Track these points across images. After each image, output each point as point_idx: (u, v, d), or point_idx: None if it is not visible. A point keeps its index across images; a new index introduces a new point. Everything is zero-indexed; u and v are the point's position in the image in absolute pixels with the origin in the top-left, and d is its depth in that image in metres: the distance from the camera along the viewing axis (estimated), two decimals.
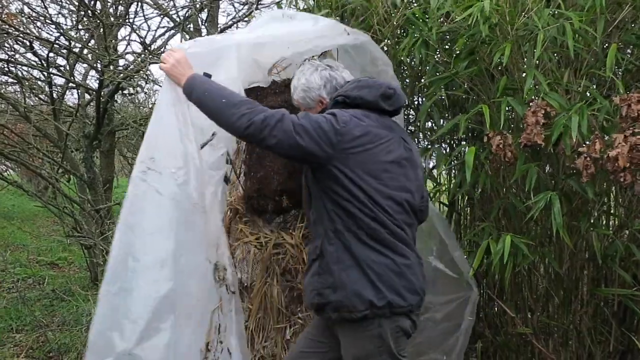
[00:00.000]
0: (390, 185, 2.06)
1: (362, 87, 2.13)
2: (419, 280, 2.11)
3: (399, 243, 2.06)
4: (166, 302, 2.00)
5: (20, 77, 5.67)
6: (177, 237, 2.07)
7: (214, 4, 5.97)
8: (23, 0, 5.51)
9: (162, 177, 2.09)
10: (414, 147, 2.26)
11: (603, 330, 3.08)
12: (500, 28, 2.73)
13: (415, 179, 2.18)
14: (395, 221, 2.06)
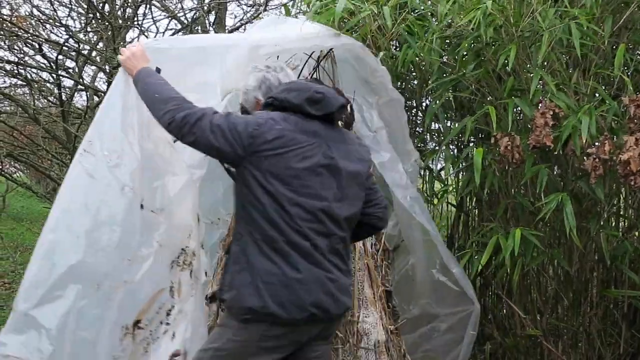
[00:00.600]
0: (300, 192, 1.99)
1: (290, 90, 2.08)
2: (315, 296, 1.98)
3: (295, 254, 1.97)
4: (72, 272, 2.11)
5: (29, 80, 5.70)
6: (97, 215, 2.18)
7: (221, 6, 5.99)
8: (32, 3, 5.55)
9: (95, 159, 2.21)
10: (340, 155, 2.08)
11: (613, 332, 3.06)
12: (505, 30, 2.73)
13: (338, 187, 2.05)
14: (300, 230, 1.98)
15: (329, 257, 2.02)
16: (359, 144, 2.23)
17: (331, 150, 2.06)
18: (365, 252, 2.70)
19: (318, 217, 2.01)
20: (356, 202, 2.13)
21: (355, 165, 2.12)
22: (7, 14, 5.35)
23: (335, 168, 2.05)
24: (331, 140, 2.07)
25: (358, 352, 2.58)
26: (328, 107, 2.05)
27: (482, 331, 3.55)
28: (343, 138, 2.13)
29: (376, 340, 2.59)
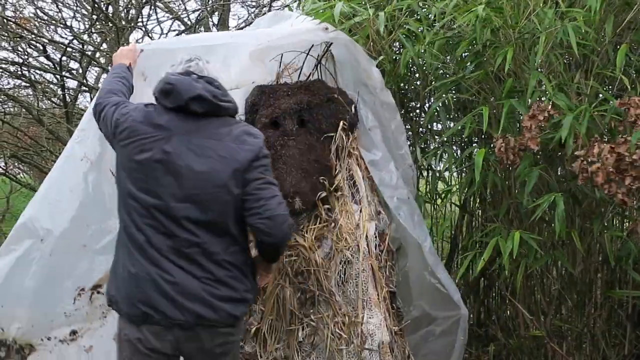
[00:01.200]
0: (137, 185, 2.00)
1: (158, 82, 2.11)
2: (144, 294, 1.97)
3: (133, 248, 1.99)
4: (25, 228, 2.46)
5: (33, 81, 5.72)
6: (57, 180, 2.55)
7: (224, 7, 6.00)
8: (36, 4, 5.57)
9: (71, 141, 2.61)
10: (185, 151, 2.00)
11: (617, 334, 3.06)
12: (503, 31, 2.73)
13: (179, 187, 1.98)
14: (138, 224, 1.99)
15: (171, 258, 1.98)
16: (238, 141, 2.04)
17: (170, 145, 1.99)
18: (370, 253, 2.70)
19: (152, 214, 1.99)
20: (214, 206, 1.99)
21: (209, 164, 1.98)
22: (11, 15, 5.37)
23: (172, 165, 1.98)
24: (184, 134, 2.01)
25: (362, 353, 2.58)
26: (177, 99, 2.01)
27: (486, 332, 3.55)
28: (206, 133, 2.02)
29: (380, 341, 2.59)
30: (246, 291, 2.08)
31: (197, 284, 1.98)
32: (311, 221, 2.66)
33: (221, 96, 2.07)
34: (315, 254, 2.62)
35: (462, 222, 3.63)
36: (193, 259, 1.98)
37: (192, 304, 1.97)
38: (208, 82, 2.07)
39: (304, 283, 2.64)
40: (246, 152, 2.02)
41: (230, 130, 2.05)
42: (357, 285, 2.63)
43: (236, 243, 2.06)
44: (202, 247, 1.99)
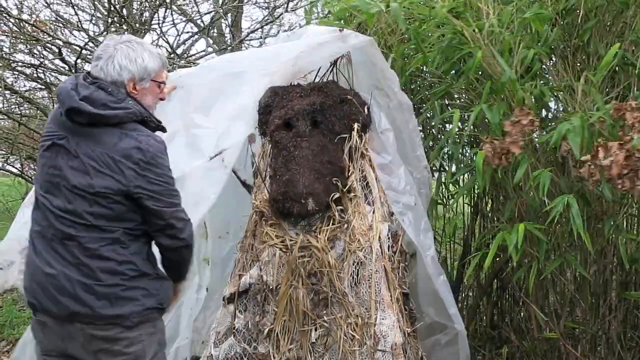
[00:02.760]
0: (37, 175, 2.12)
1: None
2: (27, 282, 2.07)
3: (30, 239, 2.09)
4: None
5: (48, 83, 5.77)
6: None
7: (238, 9, 6.03)
8: (52, 8, 5.63)
9: None
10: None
11: (633, 336, 3.03)
12: (470, 35, 2.77)
13: (58, 187, 2.02)
14: (32, 214, 2.11)
15: (54, 246, 2.01)
16: (120, 154, 1.97)
17: (62, 145, 2.02)
18: (382, 254, 2.70)
19: (38, 203, 2.07)
20: (90, 211, 1.99)
21: (85, 174, 1.98)
22: (28, 18, 5.43)
23: (58, 164, 2.02)
24: (74, 138, 2.01)
25: (375, 355, 2.58)
26: (62, 107, 2.00)
27: (499, 334, 3.53)
28: (92, 141, 1.99)
29: (393, 342, 2.59)
30: (129, 289, 2.02)
31: (73, 276, 1.99)
32: (324, 222, 2.67)
33: (112, 103, 1.99)
34: (328, 255, 2.62)
35: (473, 223, 3.62)
36: (68, 251, 2.00)
37: (63, 297, 1.98)
38: (100, 88, 2.00)
39: (317, 284, 2.65)
40: (127, 169, 1.97)
41: (118, 141, 1.98)
42: (370, 287, 2.64)
43: (117, 242, 2.02)
44: (77, 240, 1.99)
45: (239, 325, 2.74)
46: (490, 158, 2.58)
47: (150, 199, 2.00)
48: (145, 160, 1.98)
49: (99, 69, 2.03)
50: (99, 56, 2.04)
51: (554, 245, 2.91)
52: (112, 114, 1.98)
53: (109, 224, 2.00)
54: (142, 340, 2.04)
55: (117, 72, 2.03)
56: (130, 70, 2.04)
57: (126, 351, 2.02)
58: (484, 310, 3.71)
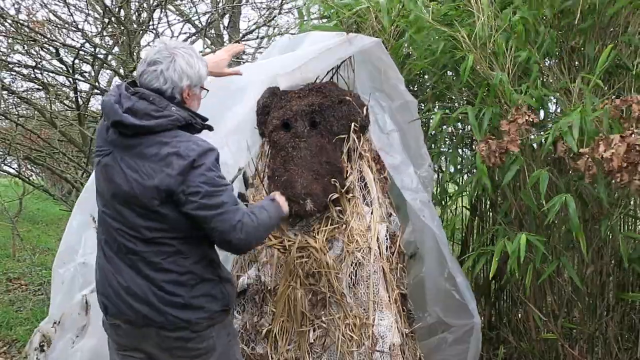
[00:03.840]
0: (96, 188, 2.17)
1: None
2: (101, 285, 2.14)
3: (97, 244, 2.17)
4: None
5: (46, 84, 5.76)
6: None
7: (235, 10, 6.02)
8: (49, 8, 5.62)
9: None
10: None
11: (630, 337, 3.04)
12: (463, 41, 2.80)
13: (113, 199, 2.07)
14: (98, 223, 2.18)
15: (120, 259, 2.07)
16: (163, 163, 1.97)
17: (110, 159, 2.05)
18: (381, 255, 2.70)
19: (102, 218, 2.13)
20: (143, 223, 2.02)
21: (132, 184, 2.00)
22: (25, 19, 5.42)
23: (109, 178, 2.05)
24: (120, 151, 2.03)
25: (373, 355, 2.58)
26: (108, 120, 2.03)
27: (497, 335, 3.53)
28: (136, 151, 2.01)
29: (391, 343, 2.59)
30: (194, 297, 2.06)
31: (143, 286, 2.05)
32: (322, 223, 2.67)
33: (154, 112, 1.98)
34: (326, 255, 2.62)
35: (472, 225, 3.62)
36: (133, 264, 2.05)
37: (138, 304, 2.04)
38: (142, 98, 2.00)
39: (315, 285, 2.65)
40: (168, 178, 1.96)
41: (160, 150, 1.98)
42: (368, 287, 2.64)
43: (177, 253, 2.05)
44: (139, 255, 2.04)
45: (237, 326, 2.74)
46: (485, 157, 2.59)
47: (191, 203, 1.97)
48: (185, 165, 1.95)
49: (158, 72, 2.02)
50: (156, 61, 2.02)
51: (551, 247, 2.92)
52: (155, 124, 1.98)
53: (165, 237, 2.02)
54: (212, 336, 2.11)
55: (178, 77, 2.03)
56: (189, 76, 2.05)
57: (199, 346, 2.09)
58: (482, 311, 3.70)
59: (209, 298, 2.10)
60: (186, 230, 2.03)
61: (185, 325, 2.05)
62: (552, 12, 2.84)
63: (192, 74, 2.06)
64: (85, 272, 2.77)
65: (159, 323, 2.04)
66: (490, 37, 2.75)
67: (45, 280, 5.81)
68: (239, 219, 2.00)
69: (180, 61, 2.03)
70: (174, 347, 2.08)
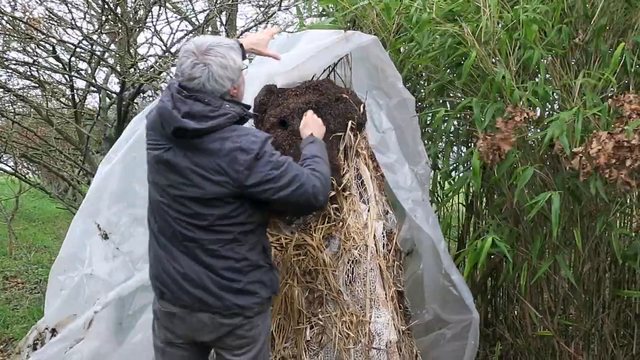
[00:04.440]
0: (150, 178, 2.22)
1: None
2: (154, 271, 2.21)
3: (151, 235, 2.23)
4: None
5: (42, 81, 5.75)
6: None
7: (232, 8, 6.01)
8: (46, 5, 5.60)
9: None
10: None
11: (626, 334, 3.05)
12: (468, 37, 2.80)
13: (176, 190, 2.13)
14: (151, 212, 2.22)
15: (176, 244, 2.13)
16: (227, 159, 2.03)
17: (171, 153, 2.09)
18: (377, 253, 2.70)
19: (152, 204, 2.19)
20: (206, 215, 2.09)
21: (198, 180, 2.06)
22: (21, 15, 5.40)
23: (172, 170, 2.10)
24: (181, 148, 2.08)
25: (370, 353, 2.58)
26: (167, 128, 2.07)
27: (494, 332, 3.55)
28: (199, 149, 2.06)
29: (388, 340, 2.60)
30: (249, 283, 2.15)
31: (200, 272, 2.12)
32: (319, 220, 2.67)
33: (211, 113, 2.03)
34: (323, 253, 2.63)
35: (468, 221, 3.63)
36: (190, 251, 2.12)
37: (195, 289, 2.12)
38: (197, 100, 2.03)
39: (312, 282, 2.65)
40: (237, 173, 2.03)
41: (222, 145, 2.04)
42: (365, 285, 2.64)
43: (234, 240, 2.12)
44: (197, 242, 2.11)
45: None
46: (484, 154, 2.59)
47: (267, 191, 2.06)
48: (250, 159, 2.03)
49: (201, 85, 2.04)
50: (193, 76, 2.04)
51: (548, 244, 2.92)
52: (214, 124, 2.03)
53: (225, 225, 2.10)
54: (258, 325, 2.20)
55: (220, 85, 2.06)
56: (229, 77, 2.07)
57: (247, 334, 2.18)
58: (478, 308, 3.71)
59: (261, 284, 2.18)
60: (246, 219, 2.12)
61: (239, 311, 2.13)
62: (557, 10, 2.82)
63: (231, 73, 2.08)
64: (92, 284, 2.76)
65: (214, 308, 2.12)
66: (496, 33, 2.74)
67: (42, 278, 5.81)
68: (312, 184, 2.12)
69: (216, 69, 2.04)
70: (225, 335, 2.16)
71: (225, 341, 2.18)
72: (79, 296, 2.77)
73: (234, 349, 2.18)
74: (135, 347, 2.66)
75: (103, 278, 2.74)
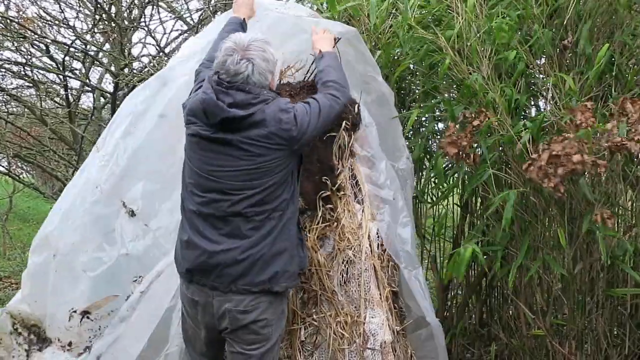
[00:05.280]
0: (187, 162, 2.31)
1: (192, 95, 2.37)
2: (184, 256, 2.26)
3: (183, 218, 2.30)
4: (45, 241, 2.80)
5: (36, 81, 5.73)
6: (74, 200, 2.80)
7: (227, 7, 6.00)
8: (39, 5, 5.58)
9: (96, 160, 2.80)
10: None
11: (619, 333, 3.06)
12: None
13: (210, 172, 2.23)
14: (185, 196, 2.30)
15: (206, 226, 2.21)
16: (267, 140, 2.17)
17: (213, 134, 2.18)
18: (372, 253, 2.71)
19: (187, 187, 2.27)
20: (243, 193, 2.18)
21: (237, 162, 2.17)
22: (14, 15, 5.38)
23: (211, 150, 2.20)
24: (223, 133, 2.18)
25: (364, 353, 2.59)
26: (212, 120, 2.16)
27: (489, 332, 3.55)
28: (240, 134, 2.16)
29: (382, 340, 2.60)
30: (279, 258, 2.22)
31: (232, 252, 2.17)
32: (314, 221, 2.67)
33: (253, 100, 2.14)
34: (317, 253, 2.63)
35: (463, 222, 3.63)
36: (234, 226, 2.17)
37: (227, 268, 2.17)
38: (239, 90, 2.14)
39: (307, 282, 2.65)
40: (282, 130, 2.16)
41: (263, 116, 2.14)
42: (359, 285, 2.64)
43: (276, 211, 2.21)
44: (243, 215, 2.16)
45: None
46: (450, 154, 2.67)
47: (312, 132, 2.23)
48: (289, 116, 2.17)
49: (245, 79, 2.15)
50: (238, 72, 2.14)
51: (538, 244, 2.93)
52: (257, 109, 2.14)
53: (270, 196, 2.17)
54: (272, 319, 2.27)
55: (264, 78, 2.19)
56: (270, 70, 2.20)
57: (272, 315, 2.26)
58: (473, 308, 3.73)
59: (290, 258, 2.27)
60: (290, 186, 2.25)
61: (266, 287, 2.20)
62: (544, 12, 2.85)
63: (272, 65, 2.21)
64: (128, 263, 2.70)
65: (244, 283, 2.18)
66: (468, 39, 2.80)
67: None
68: (332, 101, 2.31)
69: (259, 62, 2.16)
70: (247, 324, 2.21)
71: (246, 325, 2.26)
72: (115, 277, 2.70)
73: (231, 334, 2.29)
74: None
75: (137, 257, 2.69)
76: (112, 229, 2.71)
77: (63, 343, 2.72)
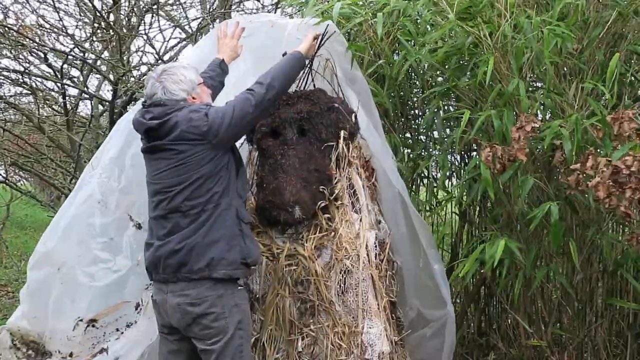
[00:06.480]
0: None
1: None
2: (145, 258, 2.48)
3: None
4: (46, 257, 2.81)
5: (34, 88, 5.73)
6: (76, 216, 2.84)
7: (225, 16, 6.01)
8: (38, 13, 5.59)
9: (94, 174, 2.89)
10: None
11: (619, 343, 3.05)
12: (485, 41, 2.75)
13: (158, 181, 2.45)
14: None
15: (158, 227, 2.43)
16: (185, 126, 2.36)
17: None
18: (370, 263, 2.69)
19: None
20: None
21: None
22: (13, 23, 5.38)
23: (153, 162, 2.45)
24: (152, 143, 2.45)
25: None
26: (140, 132, 2.51)
27: (487, 341, 3.54)
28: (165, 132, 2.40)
29: (380, 351, 2.58)
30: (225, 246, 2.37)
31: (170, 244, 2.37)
32: (311, 230, 2.67)
33: (168, 110, 2.39)
34: (315, 263, 2.62)
35: (462, 230, 3.62)
36: (170, 228, 2.39)
37: (168, 259, 2.37)
38: (156, 106, 2.42)
39: (304, 293, 2.64)
40: (195, 127, 2.36)
41: (177, 118, 2.38)
42: (357, 295, 2.63)
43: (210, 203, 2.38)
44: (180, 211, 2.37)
45: None
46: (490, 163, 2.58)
47: (225, 129, 2.38)
48: (199, 115, 2.37)
49: (158, 98, 2.43)
50: (153, 93, 2.45)
51: (541, 253, 2.92)
52: (171, 116, 2.39)
53: (200, 189, 2.36)
54: (224, 313, 2.37)
55: (175, 95, 2.43)
56: (182, 89, 2.44)
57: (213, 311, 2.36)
58: (471, 317, 3.71)
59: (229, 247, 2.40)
60: (221, 179, 2.41)
61: (205, 275, 2.34)
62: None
63: (184, 86, 2.45)
64: (139, 272, 2.75)
65: (189, 271, 2.36)
66: (514, 40, 2.69)
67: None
68: (245, 102, 2.43)
69: (169, 85, 2.43)
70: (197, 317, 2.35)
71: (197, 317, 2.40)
72: (126, 285, 2.81)
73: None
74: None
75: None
76: (120, 240, 2.84)
77: (64, 354, 2.78)
